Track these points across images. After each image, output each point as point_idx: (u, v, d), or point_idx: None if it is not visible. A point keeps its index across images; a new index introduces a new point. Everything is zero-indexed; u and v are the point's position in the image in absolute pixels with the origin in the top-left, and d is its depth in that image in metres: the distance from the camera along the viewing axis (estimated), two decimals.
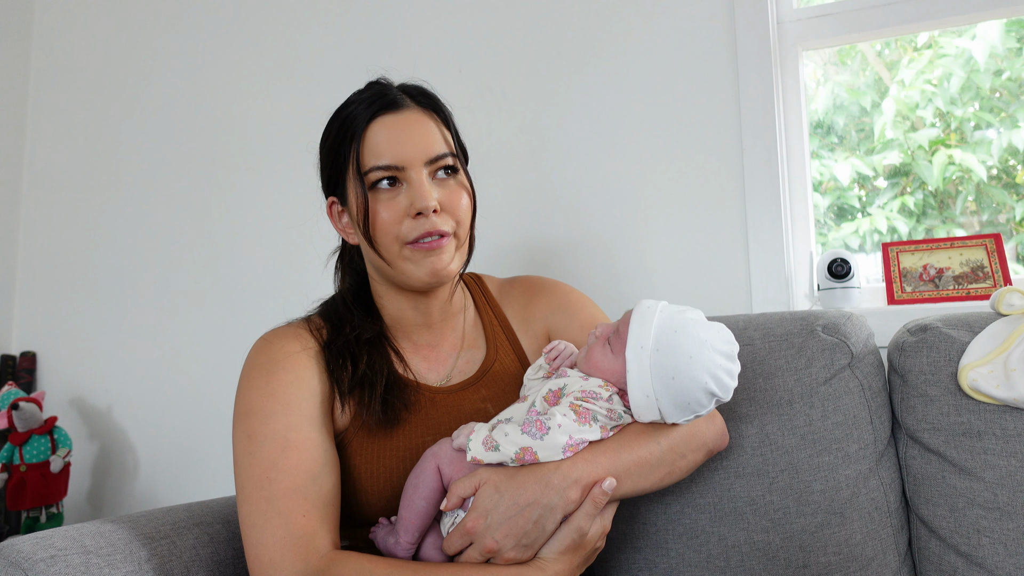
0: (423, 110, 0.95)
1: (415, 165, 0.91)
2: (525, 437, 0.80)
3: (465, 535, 0.81)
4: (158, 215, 1.97)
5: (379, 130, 0.92)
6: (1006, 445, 1.00)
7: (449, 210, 0.93)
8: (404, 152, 0.91)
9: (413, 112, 0.94)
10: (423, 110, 0.95)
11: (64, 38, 2.15)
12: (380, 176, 0.91)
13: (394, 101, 0.94)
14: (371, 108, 0.93)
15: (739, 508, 1.06)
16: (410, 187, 0.91)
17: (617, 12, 1.61)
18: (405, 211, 0.91)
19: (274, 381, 0.90)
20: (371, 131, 0.92)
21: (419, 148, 0.92)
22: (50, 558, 0.80)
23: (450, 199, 0.93)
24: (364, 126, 0.93)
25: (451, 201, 0.93)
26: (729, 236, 1.49)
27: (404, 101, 0.95)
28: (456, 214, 0.94)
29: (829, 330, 1.10)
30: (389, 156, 0.91)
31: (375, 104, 0.93)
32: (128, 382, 1.94)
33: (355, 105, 0.95)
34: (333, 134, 0.96)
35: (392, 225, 0.91)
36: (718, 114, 1.51)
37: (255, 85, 1.91)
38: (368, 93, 0.96)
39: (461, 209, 0.94)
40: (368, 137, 0.92)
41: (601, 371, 0.87)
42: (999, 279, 1.36)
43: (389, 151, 0.91)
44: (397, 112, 0.93)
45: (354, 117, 0.94)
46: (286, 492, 0.83)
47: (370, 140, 0.92)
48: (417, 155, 0.91)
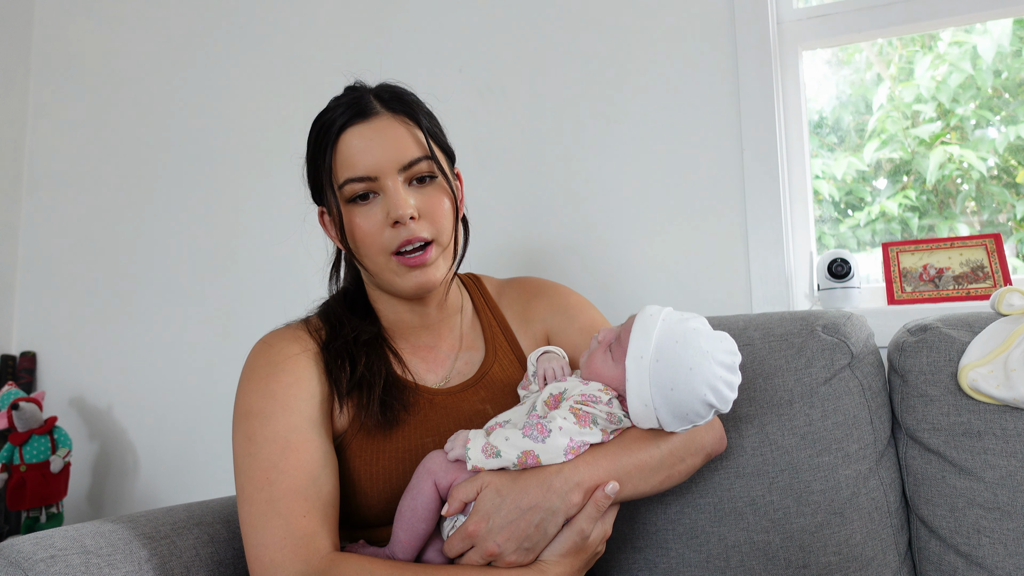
0: (395, 115, 0.93)
1: (388, 173, 0.90)
2: (527, 440, 0.80)
3: (467, 538, 0.80)
4: (158, 215, 1.97)
5: (351, 140, 0.91)
6: (1006, 445, 1.00)
7: (428, 216, 0.92)
8: (376, 161, 0.90)
9: (383, 119, 0.92)
10: (395, 115, 0.93)
11: (64, 38, 2.15)
12: (355, 189, 0.91)
13: (363, 110, 0.92)
14: (343, 117, 0.92)
15: (739, 508, 1.06)
16: (386, 196, 0.90)
17: (617, 12, 1.61)
18: (383, 222, 0.90)
19: (274, 383, 0.90)
20: (343, 142, 0.91)
21: (391, 155, 0.90)
22: (50, 558, 0.80)
23: (428, 205, 0.92)
24: (336, 137, 0.92)
25: (429, 207, 0.92)
26: (729, 236, 1.49)
27: (375, 108, 0.93)
28: (436, 220, 0.92)
29: (829, 330, 1.10)
30: (362, 167, 0.90)
31: (346, 113, 0.92)
32: (128, 382, 1.94)
33: (331, 112, 0.94)
34: (312, 144, 0.96)
35: (373, 237, 0.91)
36: (718, 114, 1.51)
37: (255, 85, 1.91)
38: (343, 100, 0.94)
39: (441, 213, 0.93)
40: (340, 148, 0.91)
41: (601, 377, 0.87)
42: (999, 279, 1.36)
43: (361, 161, 0.90)
44: (367, 120, 0.92)
45: (328, 126, 0.93)
46: (287, 493, 0.83)
47: (342, 151, 0.91)
48: (389, 163, 0.90)
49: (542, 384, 0.91)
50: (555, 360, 0.93)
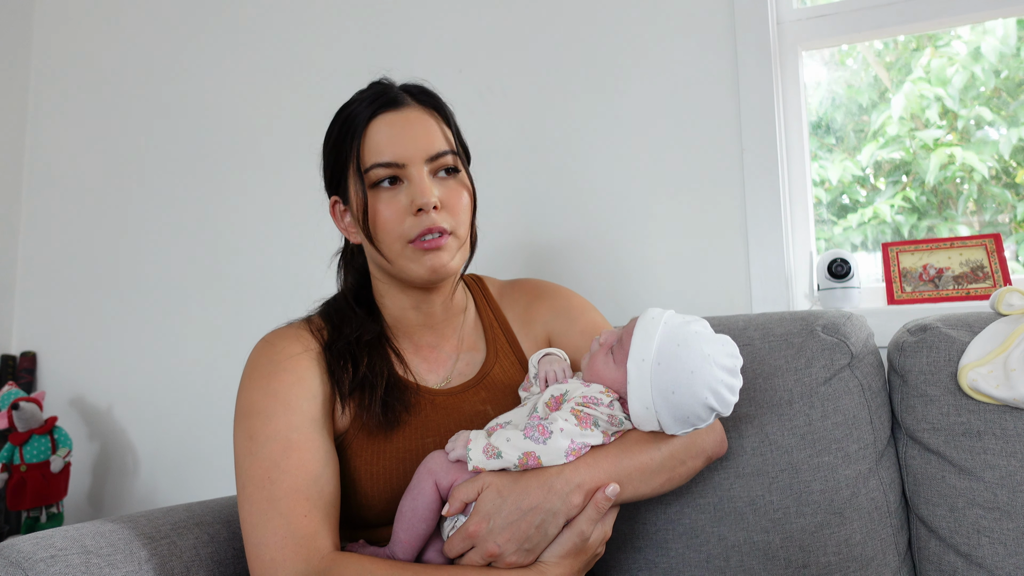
0: (424, 108, 0.96)
1: (416, 162, 0.92)
2: (528, 442, 0.80)
3: (467, 539, 0.80)
4: (158, 215, 1.97)
5: (380, 127, 0.93)
6: (1006, 445, 1.00)
7: (449, 208, 0.93)
8: (405, 149, 0.91)
9: (414, 110, 0.95)
10: (424, 108, 0.96)
11: (64, 38, 2.15)
12: (381, 174, 0.92)
13: (395, 99, 0.94)
14: (372, 106, 0.93)
15: (739, 508, 1.06)
16: (411, 184, 0.92)
17: (617, 12, 1.61)
18: (406, 209, 0.91)
19: (276, 382, 0.90)
20: (372, 129, 0.93)
21: (420, 145, 0.92)
22: (50, 558, 0.80)
23: (450, 197, 0.94)
24: (365, 124, 0.93)
25: (451, 199, 0.94)
26: (729, 236, 1.49)
27: (405, 99, 0.95)
28: (456, 213, 0.94)
29: (829, 330, 1.10)
30: (390, 153, 0.91)
31: (376, 102, 0.94)
32: (128, 382, 1.94)
33: (357, 104, 0.95)
34: (335, 132, 0.96)
35: (394, 223, 0.91)
36: (718, 114, 1.51)
37: (255, 85, 1.91)
38: (370, 92, 0.96)
39: (461, 208, 0.95)
40: (369, 135, 0.93)
41: (603, 379, 0.87)
42: (999, 279, 1.36)
43: (390, 148, 0.91)
44: (398, 110, 0.94)
45: (356, 115, 0.94)
46: (288, 492, 0.83)
47: (371, 138, 0.92)
48: (418, 152, 0.92)
49: (543, 386, 0.91)
50: (556, 362, 0.93)
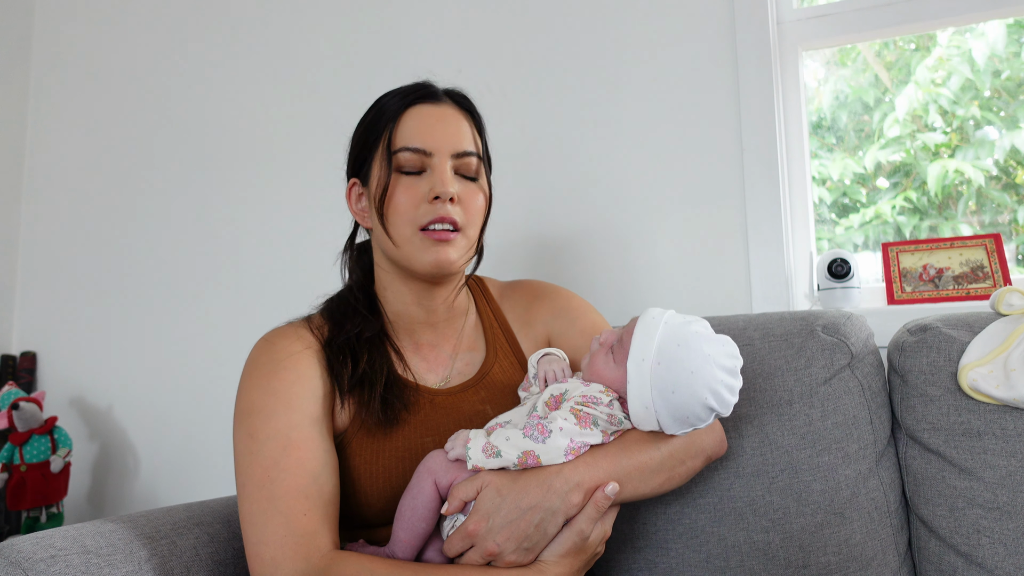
0: (460, 109, 1.00)
1: (442, 154, 0.94)
2: (527, 441, 0.80)
3: (466, 538, 0.81)
4: (159, 214, 1.97)
5: (415, 115, 0.96)
6: (1006, 445, 1.00)
7: (465, 206, 0.96)
8: (435, 139, 0.95)
9: (449, 107, 0.99)
10: (460, 109, 1.00)
11: (64, 38, 2.15)
12: (408, 158, 0.94)
13: (434, 94, 0.99)
14: (411, 96, 0.98)
15: (739, 508, 1.06)
16: (433, 173, 0.94)
17: (617, 13, 1.61)
18: (424, 196, 0.93)
19: (276, 380, 0.90)
20: (407, 115, 0.96)
21: (449, 139, 0.95)
22: (50, 558, 0.80)
23: (468, 196, 0.96)
24: (402, 110, 0.97)
25: (468, 198, 0.96)
26: (729, 236, 1.49)
27: (443, 97, 1.00)
28: (470, 212, 0.96)
29: (829, 330, 1.10)
30: (420, 140, 0.94)
31: (415, 93, 0.98)
32: (128, 382, 1.94)
33: (396, 92, 0.99)
34: (370, 116, 1.00)
35: (409, 208, 0.93)
36: (718, 114, 1.51)
37: (256, 84, 1.91)
38: (411, 85, 1.00)
39: (476, 209, 0.97)
40: (403, 120, 0.96)
41: (603, 379, 0.87)
42: (999, 279, 1.36)
43: (420, 136, 0.95)
44: (434, 103, 0.98)
45: (393, 101, 0.98)
46: (288, 491, 0.83)
47: (405, 123, 0.96)
48: (446, 145, 0.95)
49: (543, 386, 0.91)
50: (556, 362, 0.93)
